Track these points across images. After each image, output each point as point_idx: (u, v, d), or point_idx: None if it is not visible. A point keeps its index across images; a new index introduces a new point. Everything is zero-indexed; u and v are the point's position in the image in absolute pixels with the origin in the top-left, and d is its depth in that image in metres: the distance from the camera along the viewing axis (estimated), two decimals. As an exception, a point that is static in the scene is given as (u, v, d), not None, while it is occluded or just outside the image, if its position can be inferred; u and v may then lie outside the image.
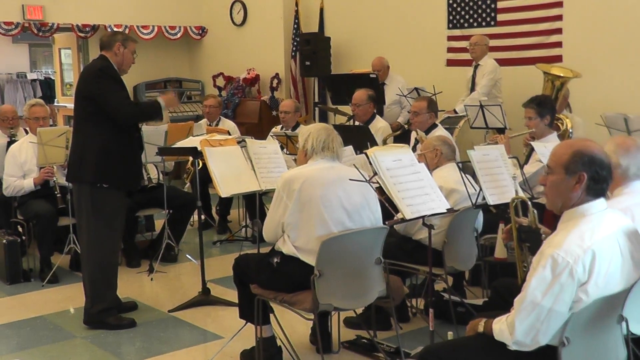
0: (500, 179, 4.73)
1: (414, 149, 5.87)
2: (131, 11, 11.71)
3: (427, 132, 6.38)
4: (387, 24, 9.90)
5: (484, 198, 4.61)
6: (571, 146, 2.97)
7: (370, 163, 4.10)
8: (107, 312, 5.20)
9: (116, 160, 5.03)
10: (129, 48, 5.17)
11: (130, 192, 5.87)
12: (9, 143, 7.01)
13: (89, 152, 5.01)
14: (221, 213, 8.26)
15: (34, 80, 17.14)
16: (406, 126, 6.80)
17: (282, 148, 6.24)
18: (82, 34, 11.43)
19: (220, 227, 8.14)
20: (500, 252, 4.92)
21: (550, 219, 4.29)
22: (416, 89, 8.49)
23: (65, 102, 13.04)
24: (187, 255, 6.94)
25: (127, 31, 11.42)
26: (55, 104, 13.34)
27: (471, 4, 8.99)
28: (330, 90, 9.40)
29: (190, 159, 7.53)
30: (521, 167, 4.99)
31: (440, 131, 6.41)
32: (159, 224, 7.46)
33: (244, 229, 7.84)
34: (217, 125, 8.45)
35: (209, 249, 7.38)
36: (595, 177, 2.89)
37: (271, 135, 7.65)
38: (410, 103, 7.69)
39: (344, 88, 8.45)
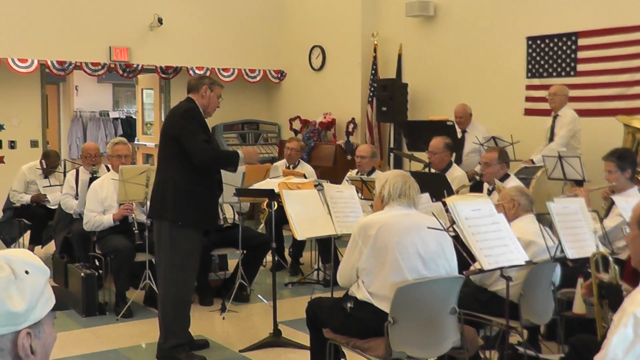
0: (579, 232, 4.64)
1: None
2: (213, 54, 11.99)
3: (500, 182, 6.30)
4: (465, 71, 9.88)
5: (562, 251, 4.52)
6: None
7: (448, 211, 4.07)
8: (179, 348, 5.25)
9: (195, 200, 5.12)
10: (215, 92, 5.30)
11: (206, 231, 5.95)
12: (91, 179, 7.21)
13: (170, 191, 5.11)
14: (294, 255, 8.29)
15: (115, 119, 17.61)
16: (478, 178, 6.73)
17: (357, 192, 6.25)
18: (164, 75, 11.75)
19: (292, 269, 8.16)
20: (578, 307, 4.78)
21: (632, 276, 4.17)
22: (493, 137, 8.43)
23: (145, 141, 13.37)
24: (259, 296, 6.97)
25: (208, 73, 11.70)
26: (136, 142, 13.67)
27: (551, 53, 8.91)
28: (406, 136, 9.40)
29: (266, 200, 7.61)
30: (601, 221, 4.88)
31: (513, 182, 6.32)
32: (232, 263, 7.53)
33: (316, 272, 7.84)
34: (296, 168, 8.53)
35: (281, 290, 7.40)
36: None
37: (346, 180, 7.68)
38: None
39: (420, 134, 8.44)
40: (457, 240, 4.16)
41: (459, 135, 8.69)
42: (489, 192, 6.30)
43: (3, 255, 1.67)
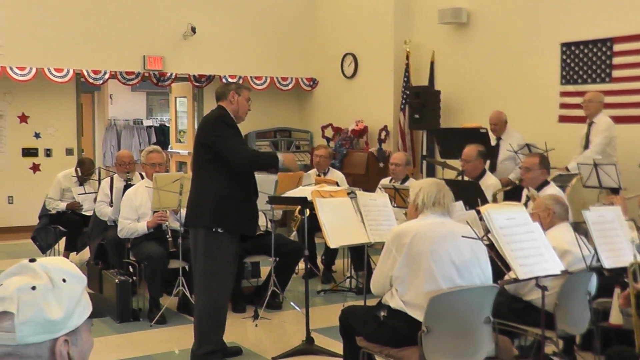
0: (616, 241, 4.57)
1: (524, 206, 5.74)
2: (245, 62, 12.06)
3: (539, 189, 6.24)
4: (498, 78, 9.82)
5: (598, 260, 4.45)
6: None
7: (482, 220, 4.04)
8: (212, 355, 5.26)
9: (231, 206, 5.14)
10: (243, 95, 5.33)
11: (243, 237, 5.94)
12: (125, 187, 7.27)
13: (206, 198, 5.14)
14: (326, 263, 8.29)
15: (149, 127, 17.77)
16: (517, 182, 6.67)
17: (390, 200, 6.22)
18: (197, 84, 11.84)
19: (324, 276, 8.15)
20: (615, 318, 4.71)
21: (671, 286, 4.10)
22: (527, 145, 8.35)
23: (179, 149, 13.46)
24: (292, 303, 6.97)
25: (240, 82, 11.75)
26: (169, 150, 13.76)
27: (585, 59, 8.82)
28: (439, 144, 9.36)
29: (298, 207, 7.62)
30: (638, 230, 4.81)
31: (552, 189, 6.26)
32: (264, 270, 7.55)
33: (348, 280, 7.82)
34: (325, 175, 8.53)
35: (313, 297, 7.38)
36: None
37: (379, 188, 7.65)
38: (522, 159, 7.56)
39: (453, 142, 8.39)
40: (492, 249, 4.13)
41: (494, 142, 8.62)
42: (527, 199, 6.24)
43: (41, 263, 1.69)
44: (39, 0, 10.65)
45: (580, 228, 4.62)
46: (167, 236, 6.55)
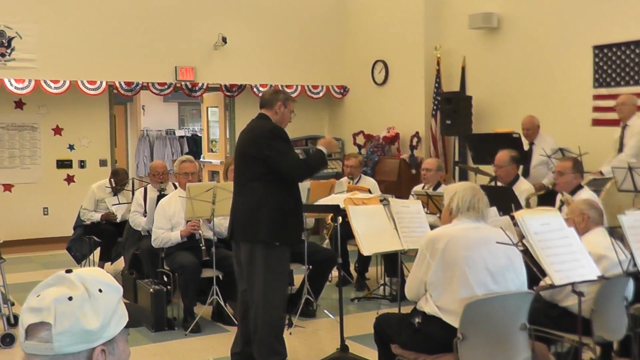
0: (654, 245, 4.51)
1: (559, 211, 5.69)
2: (276, 71, 12.11)
3: (573, 193, 6.17)
4: (530, 82, 9.75)
5: (635, 265, 4.40)
6: None
7: (516, 225, 4.01)
8: None
9: (286, 218, 5.08)
10: (289, 107, 5.27)
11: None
12: (159, 197, 7.32)
13: (261, 212, 5.02)
14: (359, 270, 8.27)
15: (181, 137, 17.89)
16: (551, 187, 6.60)
17: (422, 207, 6.20)
18: (229, 94, 11.90)
19: (358, 284, 8.14)
20: (653, 323, 4.66)
21: None
22: (561, 149, 8.28)
23: (211, 158, 13.54)
24: (325, 311, 6.96)
25: (272, 90, 11.80)
26: (202, 159, 13.84)
27: (618, 62, 8.72)
28: (471, 149, 9.31)
29: (330, 215, 7.61)
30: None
31: (586, 193, 6.19)
32: (297, 278, 7.55)
33: (382, 287, 7.80)
34: (357, 182, 8.51)
35: (347, 305, 7.38)
36: None
37: (412, 194, 7.63)
38: (556, 164, 7.49)
39: (485, 148, 8.34)
40: (527, 255, 4.09)
41: (526, 147, 8.56)
42: (562, 204, 6.18)
43: (77, 274, 1.70)
44: (72, 14, 10.80)
45: (615, 232, 4.57)
46: (201, 245, 6.58)
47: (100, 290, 1.69)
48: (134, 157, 16.93)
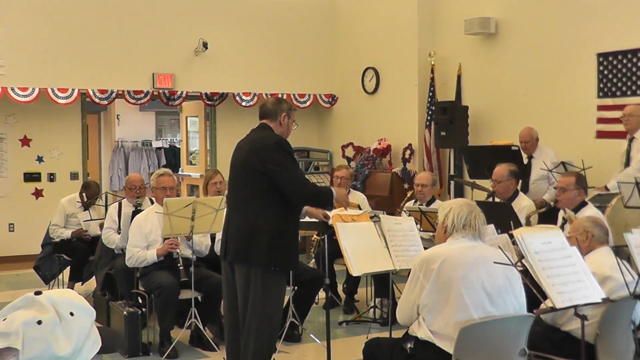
0: (662, 265, 4.53)
1: (561, 230, 5.71)
2: (260, 79, 12.11)
3: (576, 210, 6.20)
4: (530, 91, 9.79)
5: (642, 286, 4.42)
6: None
7: (515, 244, 4.03)
8: None
9: (287, 241, 5.04)
10: (292, 117, 5.25)
11: None
12: (134, 212, 7.30)
13: (261, 233, 4.96)
14: (348, 291, 8.26)
15: (159, 149, 17.85)
16: (552, 204, 6.63)
17: (415, 224, 6.21)
18: (209, 102, 11.91)
19: (346, 306, 8.13)
20: (662, 348, 4.68)
21: None
22: (563, 163, 8.31)
23: (190, 171, 13.54)
24: (312, 335, 6.94)
25: (255, 98, 11.84)
26: (180, 172, 13.82)
27: (624, 70, 8.78)
28: (467, 162, 9.35)
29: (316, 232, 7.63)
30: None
31: (590, 210, 6.22)
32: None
33: (372, 310, 7.79)
34: (346, 197, 8.51)
35: (335, 329, 7.37)
36: None
37: (404, 211, 7.64)
38: (557, 179, 7.52)
39: (482, 161, 8.39)
40: (526, 276, 4.11)
41: (525, 161, 8.60)
42: (564, 222, 6.21)
43: (47, 296, 1.70)
44: (41, 17, 10.79)
45: (622, 252, 4.59)
46: (179, 265, 6.57)
47: (71, 314, 1.69)
48: (108, 170, 16.89)
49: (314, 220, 5.84)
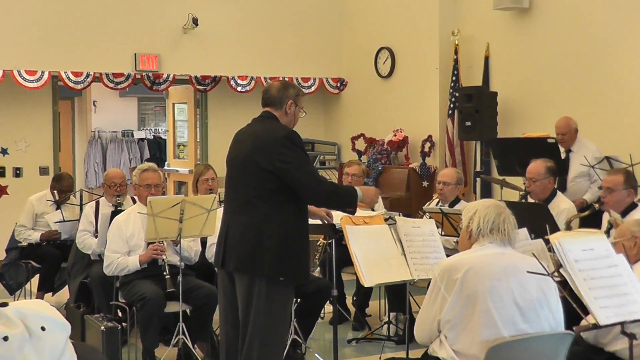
0: None
1: (607, 235, 5.70)
2: (258, 60, 12.11)
3: (624, 214, 6.19)
4: (569, 76, 9.75)
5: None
6: None
7: (552, 251, 4.02)
8: None
9: (296, 248, 5.05)
10: (300, 104, 5.25)
11: None
12: (114, 213, 7.29)
13: (267, 238, 4.97)
14: (358, 305, 8.26)
15: (141, 140, 17.87)
16: (596, 205, 6.61)
17: (436, 227, 6.21)
18: (200, 87, 11.90)
19: (356, 322, 8.13)
20: None
21: None
22: (607, 158, 8.27)
23: (178, 166, 13.54)
24: (317, 355, 6.95)
25: (253, 83, 11.83)
26: (166, 167, 13.81)
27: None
28: (496, 157, 9.32)
29: (322, 236, 7.63)
30: None
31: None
32: (283, 315, 7.54)
33: (386, 326, 7.79)
34: (357, 197, 8.52)
35: (343, 348, 7.37)
36: None
37: (421, 211, 7.64)
38: (600, 176, 7.50)
39: (514, 156, 8.36)
40: (564, 288, 4.09)
41: (562, 155, 8.57)
42: (610, 226, 6.19)
43: (15, 308, 1.70)
44: (8, -12, 10.79)
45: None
46: (165, 273, 6.55)
47: (43, 328, 1.68)
48: (83, 164, 16.90)
49: (320, 223, 5.85)
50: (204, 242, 7.13)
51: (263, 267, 4.97)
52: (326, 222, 5.61)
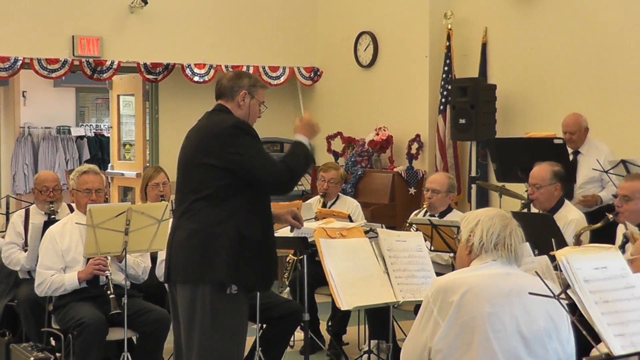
0: None
1: (621, 250, 5.74)
2: (217, 46, 12.11)
3: (642, 226, 6.25)
4: (579, 67, 9.79)
5: None
6: None
7: (558, 269, 4.04)
8: None
9: (251, 252, 5.08)
10: (258, 97, 5.29)
11: None
12: (47, 223, 7.24)
13: (216, 240, 5.02)
14: (334, 331, 8.28)
15: (80, 138, 17.77)
16: (610, 216, 6.65)
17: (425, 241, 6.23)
18: (150, 77, 11.86)
19: (332, 351, 8.14)
20: None
21: None
22: (624, 161, 8.31)
23: (123, 169, 13.49)
24: (285, 391, 6.97)
25: (212, 72, 11.82)
26: (109, 170, 13.77)
27: None
28: (494, 160, 9.36)
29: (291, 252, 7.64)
30: None
31: (661, 225, 6.27)
32: (247, 342, 7.51)
33: (365, 355, 7.80)
34: (333, 205, 8.52)
35: (316, 382, 7.40)
36: None
37: (407, 223, 7.66)
38: (615, 183, 7.54)
39: (515, 158, 8.40)
40: (573, 312, 4.11)
41: (570, 157, 8.61)
42: (626, 240, 6.23)
43: None
44: None
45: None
46: (108, 293, 6.51)
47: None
48: (10, 166, 16.79)
49: (290, 236, 5.86)
50: (154, 258, 7.10)
51: (208, 272, 5.01)
52: (294, 229, 5.63)
